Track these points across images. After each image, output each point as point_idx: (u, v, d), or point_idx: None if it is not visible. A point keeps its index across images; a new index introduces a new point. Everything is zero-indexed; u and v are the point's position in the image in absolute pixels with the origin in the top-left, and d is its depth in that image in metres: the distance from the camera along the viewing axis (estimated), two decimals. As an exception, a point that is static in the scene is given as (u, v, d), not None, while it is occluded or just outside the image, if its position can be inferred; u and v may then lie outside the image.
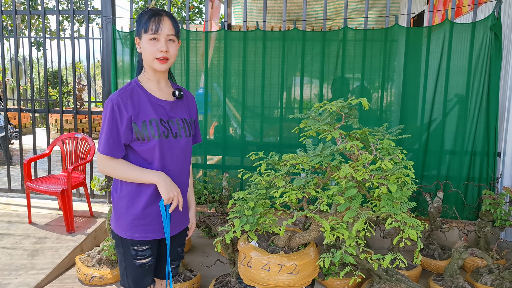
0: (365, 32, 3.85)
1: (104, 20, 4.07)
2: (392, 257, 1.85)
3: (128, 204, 1.84)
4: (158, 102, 1.84)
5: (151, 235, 1.86)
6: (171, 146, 1.83)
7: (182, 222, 1.99)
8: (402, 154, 1.93)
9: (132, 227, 1.83)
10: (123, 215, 1.85)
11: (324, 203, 1.92)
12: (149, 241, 1.87)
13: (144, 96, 1.81)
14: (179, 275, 3.06)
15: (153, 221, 1.84)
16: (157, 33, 1.76)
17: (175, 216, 1.91)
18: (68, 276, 3.26)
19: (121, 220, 1.85)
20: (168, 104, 1.86)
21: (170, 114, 1.85)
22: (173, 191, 1.78)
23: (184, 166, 1.93)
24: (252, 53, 4.04)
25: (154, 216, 1.84)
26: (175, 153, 1.86)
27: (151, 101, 1.82)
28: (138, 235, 1.84)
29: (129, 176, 1.79)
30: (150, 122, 1.78)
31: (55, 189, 3.68)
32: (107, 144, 1.75)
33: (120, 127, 1.74)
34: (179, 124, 1.87)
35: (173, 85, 1.97)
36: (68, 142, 4.18)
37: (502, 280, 2.94)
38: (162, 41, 1.77)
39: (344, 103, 1.98)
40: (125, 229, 1.85)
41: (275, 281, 2.09)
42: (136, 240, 1.85)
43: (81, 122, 9.10)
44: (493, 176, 3.73)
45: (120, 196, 1.86)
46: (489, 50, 3.61)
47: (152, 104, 1.81)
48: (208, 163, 4.33)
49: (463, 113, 3.75)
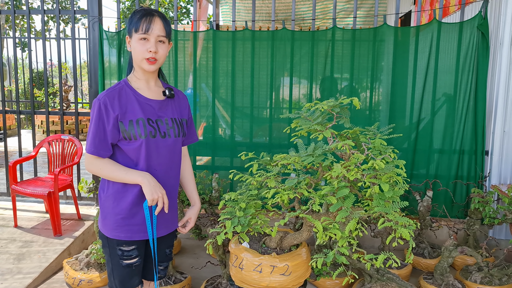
0: (354, 31, 3.86)
1: (90, 20, 4.01)
2: (385, 257, 1.84)
3: (114, 203, 1.82)
4: (146, 102, 1.82)
5: (137, 235, 1.83)
6: (158, 145, 1.81)
7: (170, 224, 1.97)
8: (393, 153, 1.93)
9: (118, 227, 1.81)
10: (109, 214, 1.83)
11: (316, 203, 1.90)
12: (135, 241, 1.85)
13: (132, 96, 1.79)
14: (169, 277, 3.03)
15: (139, 221, 1.82)
16: (147, 33, 1.74)
17: (162, 217, 1.88)
18: (55, 280, 3.20)
19: (107, 219, 1.83)
20: (157, 103, 1.84)
21: (159, 114, 1.83)
22: (157, 192, 1.75)
23: (172, 167, 1.90)
24: (240, 53, 4.02)
25: (140, 216, 1.82)
26: (162, 153, 1.84)
27: (139, 101, 1.80)
28: (123, 235, 1.82)
29: (114, 176, 1.77)
30: (137, 122, 1.76)
31: (41, 192, 3.62)
32: (93, 143, 1.74)
33: (107, 126, 1.73)
34: (168, 124, 1.85)
35: (163, 85, 1.95)
36: (55, 144, 4.12)
37: (491, 278, 2.96)
38: (152, 41, 1.75)
39: (336, 103, 1.97)
40: (111, 229, 1.82)
41: (267, 282, 2.08)
42: (122, 240, 1.83)
43: (67, 123, 8.98)
44: (481, 174, 3.76)
45: (107, 195, 1.84)
46: (476, 50, 3.64)
47: (140, 104, 1.79)
48: (198, 164, 4.30)
49: (451, 112, 3.78)
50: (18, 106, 4.48)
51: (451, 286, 2.89)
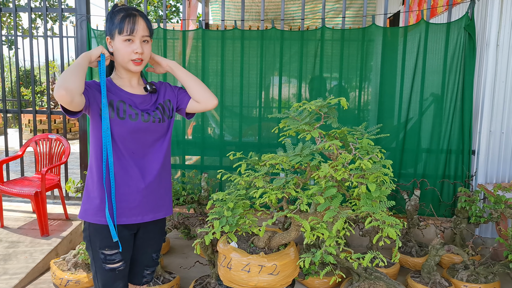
0: (343, 31, 3.88)
1: (78, 18, 3.97)
2: (371, 256, 1.86)
3: (93, 188, 1.81)
4: (128, 96, 1.83)
5: (119, 219, 1.80)
6: (138, 128, 1.79)
7: (158, 208, 1.92)
8: (380, 153, 1.94)
9: (99, 211, 1.79)
10: (90, 199, 1.82)
11: (304, 203, 1.91)
12: (118, 244, 1.82)
13: (116, 88, 1.82)
14: (158, 277, 3.02)
15: (119, 205, 1.80)
16: (132, 35, 1.73)
17: (149, 199, 1.85)
18: (42, 281, 3.17)
19: (87, 204, 1.82)
20: (139, 98, 1.85)
21: (140, 107, 1.84)
22: (102, 49, 1.77)
23: (152, 151, 1.86)
24: (230, 52, 4.01)
25: (121, 201, 1.80)
26: (141, 137, 1.82)
27: (121, 94, 1.82)
28: (105, 219, 1.78)
29: (70, 74, 1.61)
30: (118, 103, 1.77)
31: (28, 192, 3.58)
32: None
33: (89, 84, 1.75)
34: (150, 114, 1.84)
35: (144, 82, 1.95)
36: (42, 143, 4.07)
37: (477, 276, 3.00)
38: (137, 42, 1.74)
39: (323, 103, 1.98)
40: (93, 213, 1.80)
41: (256, 282, 2.08)
42: (104, 241, 1.80)
43: (55, 122, 8.89)
44: (468, 173, 3.80)
45: (88, 182, 1.84)
46: (463, 50, 3.67)
47: (123, 95, 1.82)
48: (187, 163, 4.28)
49: (439, 112, 3.81)
50: (4, 105, 4.42)
51: (438, 284, 2.92)
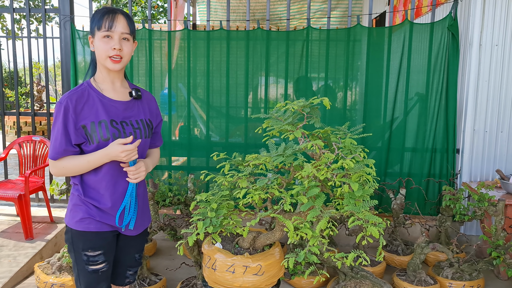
0: (328, 32, 3.89)
1: (62, 18, 3.94)
2: (355, 255, 1.86)
3: (79, 194, 1.79)
4: (110, 103, 1.78)
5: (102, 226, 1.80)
6: None
7: (142, 223, 1.94)
8: (363, 152, 1.95)
9: (86, 219, 1.78)
10: (75, 206, 1.80)
11: (287, 203, 1.91)
12: (102, 245, 1.81)
13: (95, 97, 1.76)
14: (144, 279, 2.99)
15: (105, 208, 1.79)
16: (111, 31, 1.71)
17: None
18: (26, 285, 3.12)
19: (73, 212, 1.80)
20: (121, 104, 1.81)
21: (124, 115, 1.80)
22: (122, 149, 1.69)
23: None
24: (217, 52, 4.00)
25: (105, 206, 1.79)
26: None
27: (103, 102, 1.76)
28: (93, 226, 1.77)
29: (80, 169, 1.73)
30: (99, 124, 1.72)
31: (11, 195, 3.53)
32: (53, 148, 1.70)
33: (70, 130, 1.69)
34: (134, 125, 1.82)
35: (130, 85, 1.91)
36: (26, 145, 4.02)
37: (462, 273, 3.03)
38: (115, 39, 1.72)
39: (306, 103, 1.98)
40: (79, 221, 1.78)
41: (240, 282, 2.07)
42: (87, 243, 1.79)
43: (40, 124, 8.79)
44: (453, 172, 3.84)
45: (74, 189, 1.82)
46: (447, 50, 3.71)
47: (103, 105, 1.75)
48: (173, 164, 4.26)
49: (424, 111, 3.85)
50: (-13, 106, 4.36)
51: (424, 282, 2.94)
